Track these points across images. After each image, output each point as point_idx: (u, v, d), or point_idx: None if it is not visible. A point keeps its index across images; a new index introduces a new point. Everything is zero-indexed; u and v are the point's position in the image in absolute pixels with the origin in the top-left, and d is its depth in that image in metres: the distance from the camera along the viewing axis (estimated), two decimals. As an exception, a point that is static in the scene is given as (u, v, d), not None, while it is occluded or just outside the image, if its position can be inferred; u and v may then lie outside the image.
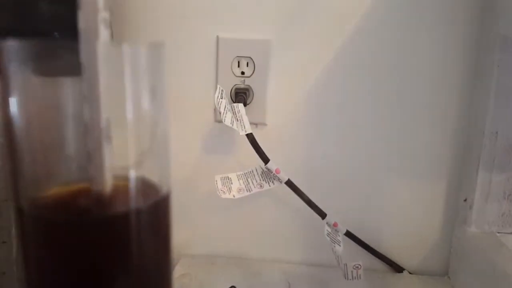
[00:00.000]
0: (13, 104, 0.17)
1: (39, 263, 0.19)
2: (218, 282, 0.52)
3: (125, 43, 0.17)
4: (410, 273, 0.55)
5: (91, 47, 0.16)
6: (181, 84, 0.55)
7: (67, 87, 0.18)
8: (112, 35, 0.21)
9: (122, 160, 0.19)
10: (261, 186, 0.50)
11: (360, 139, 0.53)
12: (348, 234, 0.52)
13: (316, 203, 0.50)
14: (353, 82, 0.52)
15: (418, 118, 0.52)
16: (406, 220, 0.55)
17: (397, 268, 0.55)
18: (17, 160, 0.18)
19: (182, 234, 0.59)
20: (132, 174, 0.19)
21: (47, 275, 0.19)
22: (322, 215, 0.50)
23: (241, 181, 0.50)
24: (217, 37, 0.53)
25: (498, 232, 0.49)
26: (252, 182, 0.50)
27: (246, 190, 0.50)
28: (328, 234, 0.50)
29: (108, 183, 0.18)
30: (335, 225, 0.51)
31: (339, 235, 0.51)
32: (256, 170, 0.51)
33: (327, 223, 0.50)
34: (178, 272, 0.54)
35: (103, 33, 0.17)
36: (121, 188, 0.19)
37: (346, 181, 0.55)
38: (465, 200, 0.51)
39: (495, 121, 0.47)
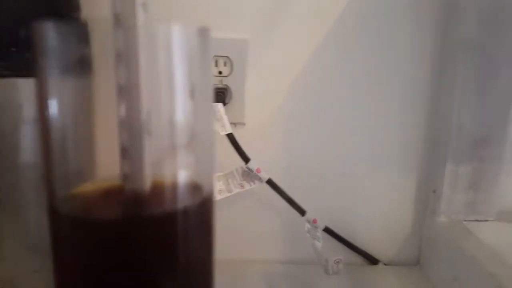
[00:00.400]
0: (51, 103, 0.16)
1: (75, 264, 0.18)
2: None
3: (175, 24, 0.16)
4: (385, 264, 0.57)
5: (129, 32, 0.15)
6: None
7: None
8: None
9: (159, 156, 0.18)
10: (242, 186, 0.50)
11: (336, 136, 0.55)
12: (327, 229, 0.54)
13: (295, 201, 0.51)
14: (330, 81, 0.54)
15: (390, 114, 0.54)
16: (380, 213, 0.57)
17: (372, 260, 0.57)
18: (52, 157, 0.17)
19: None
20: (172, 171, 0.18)
21: (81, 277, 0.18)
22: (302, 212, 0.51)
23: (221, 182, 0.50)
24: (193, 36, 0.53)
25: (465, 220, 0.52)
26: (233, 183, 0.50)
27: (227, 191, 0.50)
28: (309, 231, 0.51)
29: (147, 181, 0.17)
30: (314, 221, 0.52)
31: (318, 231, 0.52)
32: (237, 170, 0.51)
33: (307, 220, 0.51)
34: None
35: (141, 18, 0.15)
36: (160, 186, 0.18)
37: (323, 178, 0.56)
38: (434, 192, 0.54)
39: (460, 116, 0.50)
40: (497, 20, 0.47)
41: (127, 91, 0.16)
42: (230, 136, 0.49)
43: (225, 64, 0.54)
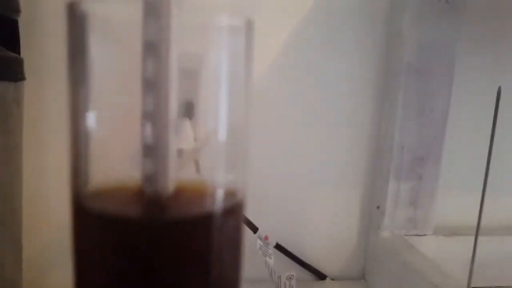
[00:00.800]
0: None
1: (93, 262, 0.17)
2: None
3: (219, 13, 0.15)
4: (332, 279, 0.59)
5: (161, 20, 0.14)
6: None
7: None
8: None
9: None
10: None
11: (284, 152, 0.56)
12: (278, 246, 0.54)
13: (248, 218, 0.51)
14: (274, 98, 0.55)
15: (337, 133, 0.56)
16: (327, 228, 0.58)
17: (320, 276, 0.58)
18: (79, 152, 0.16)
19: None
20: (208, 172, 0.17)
21: (100, 275, 0.17)
22: (254, 229, 0.51)
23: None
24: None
25: (406, 235, 0.55)
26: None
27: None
28: (260, 248, 0.51)
29: (171, 182, 0.16)
30: (266, 238, 0.52)
31: (270, 248, 0.53)
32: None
33: (258, 237, 0.51)
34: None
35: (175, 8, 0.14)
36: (186, 189, 0.17)
37: (271, 193, 0.56)
38: (378, 207, 0.56)
39: (402, 137, 0.53)
40: (434, 47, 0.51)
41: (154, 85, 0.15)
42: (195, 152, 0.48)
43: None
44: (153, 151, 0.16)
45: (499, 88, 0.43)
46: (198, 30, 0.16)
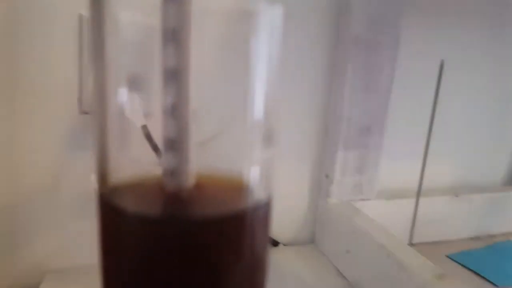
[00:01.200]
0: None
1: (119, 258, 0.17)
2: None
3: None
4: (284, 245, 0.61)
5: (182, 6, 0.13)
6: (39, 71, 0.47)
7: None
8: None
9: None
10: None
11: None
12: (234, 218, 0.55)
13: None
14: (225, 72, 0.54)
15: (288, 106, 0.58)
16: (278, 197, 0.60)
17: (273, 242, 0.61)
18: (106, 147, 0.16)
19: (44, 246, 0.51)
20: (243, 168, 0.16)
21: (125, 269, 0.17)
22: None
23: (129, 178, 0.47)
24: (80, 14, 0.47)
25: (352, 200, 0.59)
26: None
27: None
28: None
29: (191, 177, 0.15)
30: None
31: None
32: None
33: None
34: (50, 289, 0.47)
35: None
36: (207, 182, 0.16)
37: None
38: (326, 176, 0.59)
39: (349, 109, 0.56)
40: (381, 20, 0.54)
41: (175, 75, 0.14)
42: (145, 129, 0.46)
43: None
44: (174, 144, 0.15)
45: (442, 61, 0.47)
46: (242, 16, 0.15)
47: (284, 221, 0.62)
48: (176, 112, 0.15)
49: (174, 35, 0.14)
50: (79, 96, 0.50)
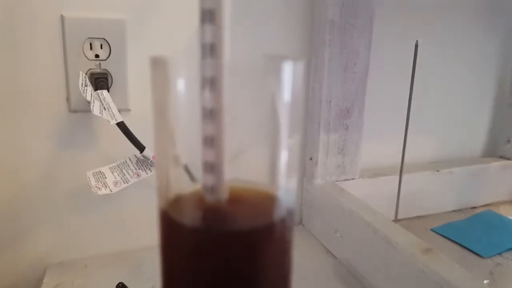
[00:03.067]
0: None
1: (174, 266, 0.21)
2: (100, 283, 0.48)
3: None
4: (273, 228, 0.63)
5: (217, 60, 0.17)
6: (24, 72, 0.47)
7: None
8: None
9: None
10: (138, 175, 0.48)
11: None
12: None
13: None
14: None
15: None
16: (265, 183, 0.62)
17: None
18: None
19: (43, 242, 0.52)
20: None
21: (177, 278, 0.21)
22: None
23: (115, 174, 0.47)
24: (62, 16, 0.47)
25: (336, 181, 0.61)
26: (128, 173, 0.48)
27: (123, 181, 0.47)
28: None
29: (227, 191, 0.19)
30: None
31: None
32: (130, 160, 0.48)
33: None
34: (49, 284, 0.48)
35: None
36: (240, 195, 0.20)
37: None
38: (311, 159, 0.60)
39: (329, 91, 0.57)
40: (355, 5, 0.54)
41: (212, 114, 0.18)
42: (121, 125, 0.46)
43: (101, 47, 0.50)
44: (212, 167, 0.19)
45: (417, 41, 0.48)
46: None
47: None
48: (214, 142, 0.18)
49: (212, 82, 0.17)
50: (67, 96, 0.50)
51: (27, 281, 0.52)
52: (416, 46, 0.47)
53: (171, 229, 0.21)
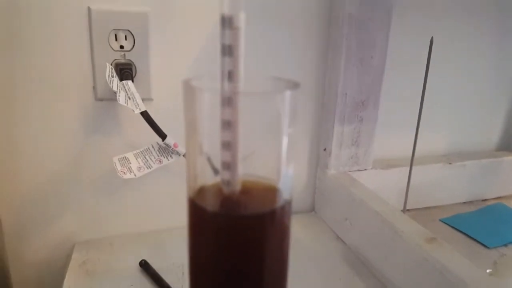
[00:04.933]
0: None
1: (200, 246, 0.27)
2: (124, 260, 0.52)
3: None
4: (286, 214, 0.65)
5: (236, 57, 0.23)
6: (53, 63, 0.50)
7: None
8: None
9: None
10: (160, 162, 0.51)
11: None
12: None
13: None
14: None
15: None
16: (280, 171, 0.64)
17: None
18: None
19: (72, 221, 0.56)
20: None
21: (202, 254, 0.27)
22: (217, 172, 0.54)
23: (139, 160, 0.50)
24: (89, 8, 0.49)
25: (349, 171, 0.63)
26: (151, 159, 0.51)
27: (146, 167, 0.50)
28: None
29: (239, 184, 0.25)
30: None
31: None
32: (153, 147, 0.51)
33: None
34: (77, 260, 0.52)
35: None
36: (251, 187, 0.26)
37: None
38: (325, 149, 0.62)
39: (345, 84, 0.58)
40: None
41: (229, 126, 0.23)
42: (145, 114, 0.49)
43: (126, 38, 0.52)
44: (229, 165, 0.24)
45: (432, 38, 0.49)
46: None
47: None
48: (230, 146, 0.24)
49: (229, 101, 0.23)
50: (94, 85, 0.53)
51: (58, 256, 0.56)
52: (431, 42, 0.48)
53: (197, 213, 0.26)
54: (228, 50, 0.23)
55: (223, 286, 0.26)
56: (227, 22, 0.22)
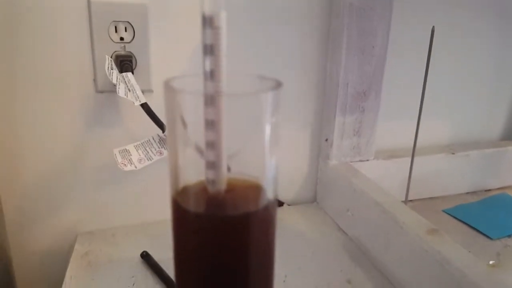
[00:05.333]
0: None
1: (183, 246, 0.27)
2: (126, 251, 0.52)
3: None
4: (288, 205, 0.65)
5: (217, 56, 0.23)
6: (54, 55, 0.50)
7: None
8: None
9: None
10: (161, 153, 0.51)
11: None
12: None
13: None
14: (233, 45, 0.56)
15: (289, 75, 0.60)
16: (282, 161, 0.64)
17: (278, 203, 0.65)
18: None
19: (74, 213, 0.56)
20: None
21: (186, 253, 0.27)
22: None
23: (140, 151, 0.50)
24: (88, 0, 0.49)
25: (351, 162, 0.62)
26: (151, 151, 0.51)
27: (147, 159, 0.50)
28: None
29: (224, 183, 0.24)
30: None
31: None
32: (153, 139, 0.51)
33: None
34: (79, 251, 0.52)
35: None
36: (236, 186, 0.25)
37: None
38: (326, 140, 0.62)
39: (346, 75, 0.58)
40: (373, -11, 0.54)
41: (213, 125, 0.23)
42: (145, 106, 0.49)
43: (126, 30, 0.52)
44: (213, 164, 0.24)
45: (433, 27, 0.48)
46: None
47: (287, 183, 0.65)
48: (214, 145, 0.24)
49: (212, 100, 0.23)
50: (94, 77, 0.53)
51: (60, 247, 0.57)
52: (432, 32, 0.47)
53: (180, 214, 0.26)
54: (210, 50, 0.23)
55: (207, 286, 0.26)
56: (207, 22, 0.22)
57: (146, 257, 0.50)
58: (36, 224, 0.56)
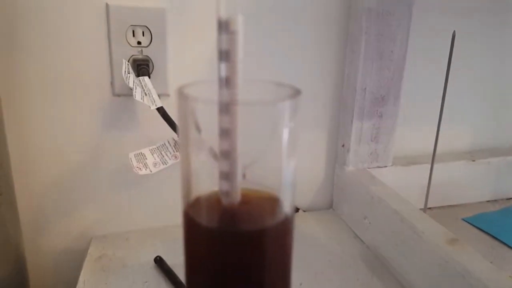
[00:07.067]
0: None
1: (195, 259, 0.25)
2: (140, 256, 0.52)
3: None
4: (304, 211, 0.65)
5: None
6: (72, 58, 0.50)
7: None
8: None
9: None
10: (176, 158, 0.51)
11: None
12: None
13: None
14: (250, 48, 0.56)
15: (306, 80, 0.59)
16: (300, 167, 0.63)
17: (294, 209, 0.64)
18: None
19: (89, 216, 0.57)
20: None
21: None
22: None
23: (155, 155, 0.50)
24: (107, 4, 0.49)
25: (368, 168, 0.61)
26: (167, 155, 0.51)
27: (162, 163, 0.50)
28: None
29: (239, 195, 0.23)
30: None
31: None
32: (169, 142, 0.51)
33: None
34: (93, 254, 0.52)
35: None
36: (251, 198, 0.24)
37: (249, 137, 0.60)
38: (343, 145, 0.61)
39: (364, 79, 0.57)
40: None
41: (227, 134, 0.22)
42: (161, 110, 0.48)
43: (143, 34, 0.52)
44: (227, 175, 0.23)
45: (454, 32, 0.47)
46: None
47: (304, 189, 0.64)
48: (229, 155, 0.23)
49: (227, 107, 0.22)
50: (111, 80, 0.54)
51: (75, 250, 0.57)
52: (453, 36, 0.46)
53: (192, 227, 0.25)
54: (225, 56, 0.22)
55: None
56: (223, 26, 0.21)
57: (159, 262, 0.50)
58: (51, 226, 0.56)
